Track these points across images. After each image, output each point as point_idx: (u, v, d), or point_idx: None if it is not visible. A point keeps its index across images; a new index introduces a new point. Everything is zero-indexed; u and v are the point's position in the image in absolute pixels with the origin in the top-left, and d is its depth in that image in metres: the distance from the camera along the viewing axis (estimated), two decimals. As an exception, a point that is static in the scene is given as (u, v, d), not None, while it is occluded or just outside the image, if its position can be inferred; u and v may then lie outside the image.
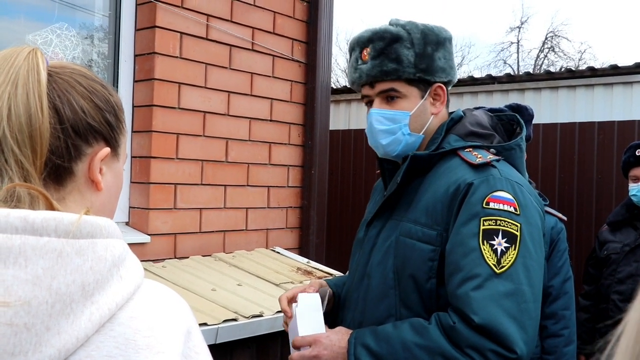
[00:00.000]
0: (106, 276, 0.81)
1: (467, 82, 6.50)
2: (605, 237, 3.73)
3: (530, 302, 1.51)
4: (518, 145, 1.77)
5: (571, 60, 22.74)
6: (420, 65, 1.74)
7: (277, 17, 3.72)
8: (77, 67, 0.96)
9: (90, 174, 0.93)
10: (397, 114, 1.76)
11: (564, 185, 5.05)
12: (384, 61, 1.74)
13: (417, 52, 1.73)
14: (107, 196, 0.97)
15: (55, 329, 0.75)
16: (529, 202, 1.62)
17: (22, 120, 0.84)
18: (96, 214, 0.86)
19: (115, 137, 0.96)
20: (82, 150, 0.91)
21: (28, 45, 0.90)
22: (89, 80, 0.94)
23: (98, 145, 0.93)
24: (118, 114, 0.98)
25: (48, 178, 0.88)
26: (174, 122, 3.18)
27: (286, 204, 3.81)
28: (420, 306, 1.64)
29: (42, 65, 0.88)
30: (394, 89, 1.75)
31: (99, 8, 3.21)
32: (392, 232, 1.74)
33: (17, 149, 0.83)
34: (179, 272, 2.94)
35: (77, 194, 0.92)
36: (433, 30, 1.77)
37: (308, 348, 1.67)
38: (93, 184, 0.93)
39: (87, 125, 0.91)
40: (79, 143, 0.90)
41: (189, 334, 0.88)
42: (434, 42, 1.76)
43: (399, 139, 1.76)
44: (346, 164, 6.29)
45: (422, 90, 1.77)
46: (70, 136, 0.89)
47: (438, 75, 1.77)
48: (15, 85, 0.85)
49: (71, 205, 0.90)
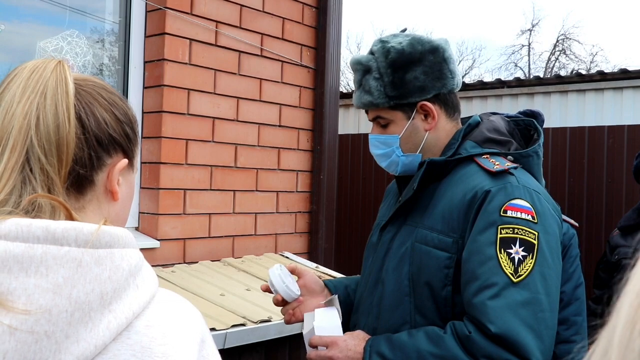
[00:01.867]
0: (123, 285, 0.82)
1: (477, 87, 6.50)
2: (616, 242, 3.71)
3: (547, 311, 1.51)
4: (535, 152, 1.76)
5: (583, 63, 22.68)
6: (391, 93, 1.73)
7: (285, 23, 3.73)
8: (98, 80, 0.98)
9: (108, 184, 0.95)
10: (389, 138, 1.79)
11: (574, 189, 5.03)
12: (361, 93, 1.78)
13: (386, 81, 1.73)
14: (122, 206, 0.99)
15: (75, 337, 0.77)
16: (546, 210, 1.61)
17: (50, 129, 0.86)
18: (111, 224, 0.88)
19: (132, 149, 0.99)
20: (104, 160, 0.93)
21: (54, 58, 0.92)
22: (110, 94, 0.96)
23: (117, 157, 0.95)
24: (134, 127, 1.00)
25: (70, 187, 0.90)
26: (183, 128, 3.20)
27: (295, 209, 3.82)
28: (436, 314, 1.63)
29: (70, 77, 0.90)
30: (380, 116, 1.79)
31: (109, 15, 3.24)
32: (408, 238, 1.73)
33: (43, 157, 0.85)
34: (188, 277, 2.96)
35: (96, 203, 0.94)
36: (404, 50, 1.73)
37: (324, 349, 1.68)
38: (110, 194, 0.95)
39: (109, 136, 0.93)
40: (101, 154, 0.93)
41: (203, 343, 0.90)
42: (407, 63, 1.73)
43: (395, 160, 1.80)
44: (356, 169, 6.29)
45: (406, 112, 1.76)
46: (94, 147, 0.91)
47: (417, 96, 1.74)
48: (44, 96, 0.87)
49: (90, 214, 0.92)
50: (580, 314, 3.14)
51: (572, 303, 3.16)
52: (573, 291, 3.15)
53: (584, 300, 3.23)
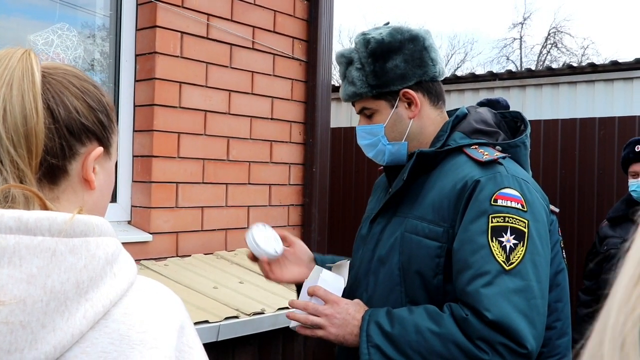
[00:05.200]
0: (100, 274, 0.82)
1: (469, 79, 6.52)
2: (605, 233, 3.74)
3: (538, 298, 1.55)
4: (523, 142, 1.79)
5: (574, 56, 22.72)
6: (373, 82, 1.77)
7: (277, 16, 3.73)
8: (69, 67, 0.97)
9: (83, 173, 0.94)
10: (374, 127, 1.82)
11: (565, 180, 5.06)
12: (346, 85, 1.83)
13: (367, 70, 1.77)
14: (100, 195, 0.98)
15: (51, 326, 0.77)
16: (535, 198, 1.64)
17: (18, 121, 0.85)
18: (89, 213, 0.87)
19: (107, 137, 0.98)
20: (76, 149, 0.92)
21: (21, 47, 0.91)
22: (82, 81, 0.95)
23: (91, 145, 0.94)
24: (110, 114, 0.99)
25: (43, 178, 0.89)
26: (175, 121, 3.19)
27: (288, 202, 3.83)
28: (427, 302, 1.65)
29: (36, 66, 0.89)
30: (365, 107, 1.83)
31: (99, 8, 3.23)
32: (397, 229, 1.75)
33: (12, 149, 0.84)
34: (181, 270, 2.96)
35: (71, 192, 0.93)
36: (384, 40, 1.76)
37: (322, 302, 1.69)
38: (86, 183, 0.95)
39: (80, 125, 0.92)
40: (73, 143, 0.92)
41: (183, 329, 0.89)
42: (385, 52, 1.76)
43: (382, 149, 1.83)
44: (348, 162, 6.30)
45: (390, 100, 1.79)
46: (65, 136, 0.90)
47: (398, 84, 1.77)
48: (10, 87, 0.86)
49: (65, 204, 0.92)
50: (561, 300, 3.16)
51: (552, 289, 3.17)
52: (554, 277, 3.16)
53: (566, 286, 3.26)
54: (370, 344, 1.59)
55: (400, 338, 1.56)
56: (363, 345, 1.59)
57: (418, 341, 1.54)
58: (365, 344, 1.59)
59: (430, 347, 1.53)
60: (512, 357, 1.48)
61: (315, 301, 1.71)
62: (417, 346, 1.54)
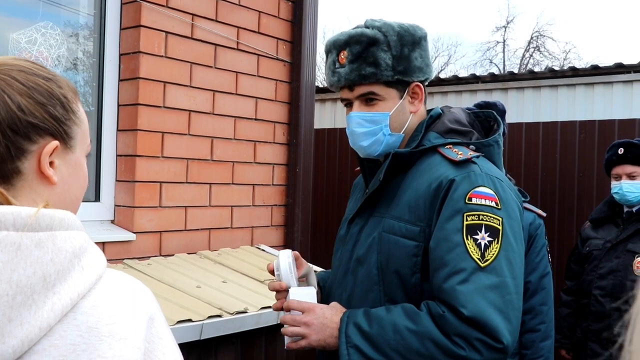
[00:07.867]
0: (67, 267, 0.82)
1: (452, 82, 6.56)
2: (587, 234, 3.78)
3: (513, 293, 1.56)
4: (496, 141, 1.82)
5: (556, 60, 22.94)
6: (398, 68, 1.75)
7: (261, 17, 3.74)
8: (18, 62, 0.93)
9: (40, 169, 0.91)
10: (377, 115, 1.78)
11: (546, 183, 5.11)
12: (362, 65, 1.74)
13: (395, 54, 1.75)
14: (65, 189, 0.96)
15: (18, 320, 0.76)
16: (509, 196, 1.67)
17: None
18: (56, 207, 0.87)
19: (64, 130, 0.94)
20: (25, 148, 0.89)
21: None
22: (28, 75, 0.91)
23: (44, 141, 0.91)
24: (67, 106, 0.95)
25: None
26: (159, 120, 3.19)
27: (271, 202, 3.84)
28: (405, 301, 1.67)
29: None
30: (372, 92, 1.77)
31: (83, 7, 3.22)
32: (375, 229, 1.76)
33: None
34: (164, 269, 2.96)
35: (29, 190, 0.91)
36: (408, 30, 1.78)
37: (300, 314, 1.70)
38: (45, 179, 0.92)
39: (26, 123, 0.89)
40: (20, 142, 0.89)
41: (152, 320, 0.89)
42: (410, 43, 1.77)
43: (380, 139, 1.79)
44: (332, 163, 6.32)
45: (400, 90, 1.79)
46: (8, 136, 0.88)
47: (416, 75, 1.79)
48: None
49: (25, 202, 0.89)
50: (545, 303, 3.21)
51: (537, 292, 3.22)
52: (539, 281, 3.22)
53: (551, 289, 3.30)
54: (349, 345, 1.60)
55: (378, 337, 1.58)
56: (342, 346, 1.61)
57: (396, 340, 1.56)
58: (344, 344, 1.61)
59: (408, 345, 1.55)
60: (489, 352, 1.51)
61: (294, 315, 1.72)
62: (396, 345, 1.56)
